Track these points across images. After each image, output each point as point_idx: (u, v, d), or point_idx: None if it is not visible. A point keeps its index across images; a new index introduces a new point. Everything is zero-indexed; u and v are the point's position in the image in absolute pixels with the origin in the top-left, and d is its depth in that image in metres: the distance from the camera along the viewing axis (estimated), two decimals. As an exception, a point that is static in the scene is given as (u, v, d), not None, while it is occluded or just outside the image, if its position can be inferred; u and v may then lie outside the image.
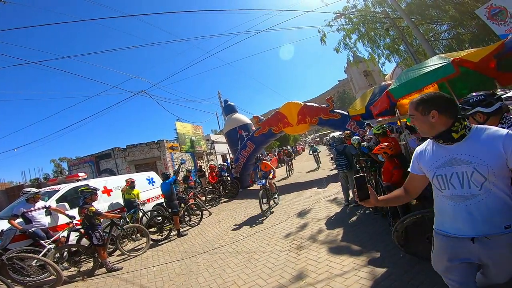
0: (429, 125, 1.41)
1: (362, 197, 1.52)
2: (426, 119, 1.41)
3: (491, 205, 1.28)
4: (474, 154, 1.32)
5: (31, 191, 5.32)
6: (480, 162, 1.29)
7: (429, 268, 2.79)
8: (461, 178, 1.34)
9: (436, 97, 1.41)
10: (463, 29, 10.40)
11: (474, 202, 1.31)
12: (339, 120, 10.74)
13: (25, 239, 4.90)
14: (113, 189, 7.19)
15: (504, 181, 1.29)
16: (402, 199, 1.68)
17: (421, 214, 2.88)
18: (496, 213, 1.28)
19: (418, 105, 1.44)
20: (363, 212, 5.33)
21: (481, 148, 1.30)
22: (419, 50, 10.87)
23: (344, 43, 12.48)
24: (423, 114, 1.42)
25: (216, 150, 20.88)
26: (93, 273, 4.77)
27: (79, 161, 16.00)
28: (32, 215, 5.07)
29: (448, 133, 1.36)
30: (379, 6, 11.82)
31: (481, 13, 7.62)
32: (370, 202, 1.57)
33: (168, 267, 4.66)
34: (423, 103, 1.42)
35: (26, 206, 5.11)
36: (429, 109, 1.39)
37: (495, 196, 1.28)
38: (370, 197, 1.55)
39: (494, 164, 1.26)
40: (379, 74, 27.52)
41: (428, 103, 1.41)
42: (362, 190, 1.52)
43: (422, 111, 1.42)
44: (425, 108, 1.41)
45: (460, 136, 1.35)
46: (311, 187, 9.45)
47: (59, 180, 7.56)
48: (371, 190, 1.56)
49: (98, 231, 4.78)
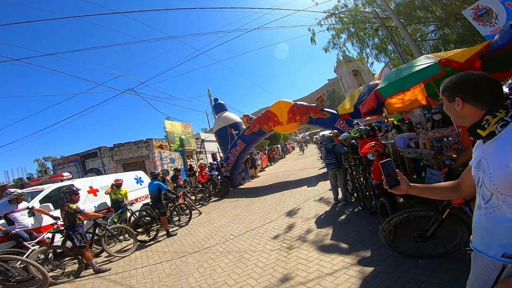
0: (455, 114, 1.15)
1: (392, 184, 1.35)
2: (452, 107, 1.15)
3: (493, 224, 1.05)
4: (490, 160, 1.05)
5: (14, 192, 5.16)
6: (487, 172, 1.05)
7: (416, 267, 2.85)
8: (479, 186, 1.12)
9: (465, 79, 1.11)
10: (449, 29, 10.62)
11: (479, 214, 1.12)
12: (328, 119, 10.84)
13: (8, 241, 4.75)
14: (100, 189, 7.02)
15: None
16: (448, 193, 1.38)
17: (407, 214, 2.92)
18: (495, 234, 1.04)
19: (445, 88, 1.17)
20: (352, 210, 5.39)
21: (496, 154, 1.03)
22: (406, 50, 11.07)
23: (333, 43, 12.65)
24: (449, 101, 1.15)
25: (206, 149, 20.74)
26: (78, 275, 4.66)
27: (64, 160, 15.59)
28: (15, 216, 4.92)
29: (474, 128, 1.09)
30: (369, 6, 11.98)
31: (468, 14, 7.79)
32: (400, 189, 1.36)
33: (158, 267, 4.59)
34: (450, 86, 1.14)
35: (8, 207, 4.97)
36: (453, 94, 1.12)
37: (502, 215, 1.01)
38: (401, 183, 1.35)
39: (497, 180, 0.99)
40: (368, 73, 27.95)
41: (454, 86, 1.13)
42: (391, 176, 1.35)
43: (448, 96, 1.15)
44: (450, 92, 1.14)
45: (489, 134, 1.05)
46: (301, 185, 9.51)
47: (43, 180, 7.33)
48: (401, 176, 1.37)
49: (79, 232, 4.66)
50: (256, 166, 16.29)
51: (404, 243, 3.18)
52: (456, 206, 2.45)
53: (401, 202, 4.56)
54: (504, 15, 7.14)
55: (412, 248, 3.09)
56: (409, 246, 3.11)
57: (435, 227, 2.72)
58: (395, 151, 5.43)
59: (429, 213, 2.81)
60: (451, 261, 2.73)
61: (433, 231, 2.76)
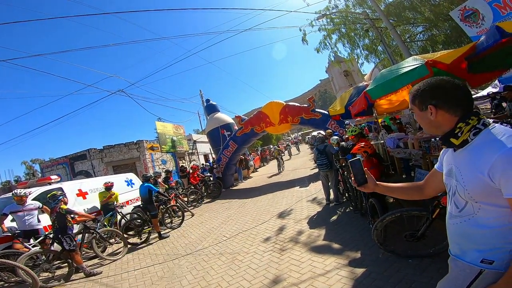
0: (429, 123, 1.11)
1: (360, 182, 1.40)
2: (424, 116, 1.11)
3: (470, 231, 1.04)
4: (462, 168, 1.04)
5: (18, 192, 5.19)
6: (460, 181, 1.03)
7: (406, 266, 2.90)
8: (452, 194, 1.11)
9: (434, 85, 1.07)
10: (437, 30, 10.84)
11: (454, 222, 1.12)
12: (320, 119, 10.92)
13: (9, 241, 4.82)
14: (89, 191, 6.89)
15: (494, 209, 0.97)
16: (412, 194, 1.41)
17: (400, 213, 2.96)
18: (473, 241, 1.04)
19: (415, 97, 1.14)
20: (343, 211, 5.44)
21: (469, 163, 1.01)
22: (396, 51, 11.24)
23: (325, 43, 12.76)
24: (421, 109, 1.11)
25: (198, 150, 20.61)
26: (69, 278, 4.58)
27: (52, 163, 15.23)
28: (18, 216, 5.01)
29: (447, 137, 1.07)
30: (359, 7, 12.13)
31: (455, 15, 7.94)
32: (368, 186, 1.40)
33: (150, 270, 4.54)
34: (420, 95, 1.11)
35: (14, 206, 5.07)
36: (425, 103, 1.08)
37: (478, 222, 1.01)
38: (368, 181, 1.40)
39: (471, 188, 0.99)
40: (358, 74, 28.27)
41: (424, 94, 1.09)
42: (359, 175, 1.40)
43: (419, 105, 1.12)
44: (421, 101, 1.10)
45: (462, 142, 1.03)
46: (294, 186, 9.54)
47: (30, 183, 7.15)
48: (369, 174, 1.41)
49: (69, 235, 4.58)
50: (248, 167, 16.28)
51: (395, 242, 3.23)
52: (445, 205, 2.49)
53: (391, 202, 4.62)
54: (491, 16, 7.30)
55: (402, 247, 3.13)
56: (400, 246, 3.16)
57: (425, 226, 2.76)
58: (385, 151, 5.51)
59: (421, 213, 2.86)
60: (440, 261, 2.78)
61: (424, 231, 2.80)
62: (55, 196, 4.85)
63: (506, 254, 0.93)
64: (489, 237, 0.98)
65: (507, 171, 0.87)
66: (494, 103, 6.29)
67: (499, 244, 0.96)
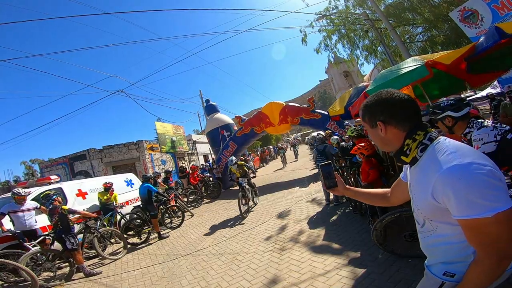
0: (380, 140, 1.07)
1: (329, 185, 1.44)
2: (375, 133, 1.06)
3: (432, 246, 1.05)
4: (415, 187, 1.03)
5: (17, 192, 5.15)
6: (414, 199, 1.03)
7: (404, 267, 2.90)
8: (413, 210, 1.10)
9: (381, 100, 1.02)
10: (436, 31, 10.86)
11: (420, 236, 1.12)
12: (319, 120, 10.92)
13: (8, 241, 4.80)
14: (88, 191, 6.89)
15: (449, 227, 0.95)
16: (378, 200, 1.46)
17: (399, 213, 2.97)
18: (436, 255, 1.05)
19: (364, 113, 1.09)
20: (343, 211, 5.44)
21: (418, 182, 1.00)
22: (395, 51, 11.26)
23: (324, 44, 12.77)
24: (371, 126, 1.07)
25: (198, 151, 20.60)
26: (70, 278, 4.58)
27: (51, 163, 15.21)
28: (16, 216, 4.96)
29: (398, 154, 1.04)
30: (359, 8, 12.14)
31: (455, 16, 7.96)
32: (338, 190, 1.43)
33: (150, 270, 4.54)
34: (368, 111, 1.07)
35: (12, 206, 5.02)
36: (374, 119, 1.04)
37: (439, 238, 1.01)
38: (338, 185, 1.42)
39: (422, 207, 0.99)
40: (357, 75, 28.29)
41: (373, 110, 1.04)
42: (329, 178, 1.44)
43: (369, 122, 1.08)
44: (371, 117, 1.06)
45: (412, 160, 1.00)
46: (293, 186, 9.54)
47: (30, 183, 7.16)
48: (339, 178, 1.44)
49: (72, 234, 4.59)
50: (248, 167, 16.24)
51: (395, 243, 3.24)
52: None
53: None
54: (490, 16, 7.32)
55: (402, 247, 3.14)
56: (399, 246, 3.17)
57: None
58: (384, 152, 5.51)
59: None
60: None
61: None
62: (48, 195, 4.86)
63: (466, 267, 0.92)
64: (451, 251, 0.98)
65: (446, 193, 0.84)
66: (493, 104, 6.31)
67: (460, 258, 0.95)
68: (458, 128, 2.20)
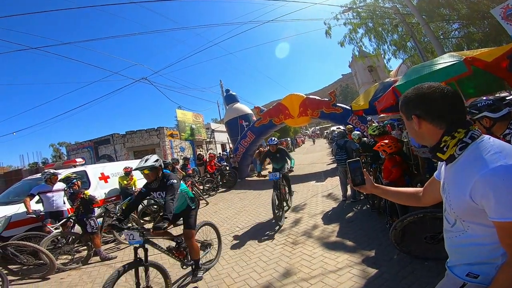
0: (415, 133, 1.05)
1: (356, 182, 1.39)
2: (410, 126, 1.05)
3: (461, 246, 1.01)
4: (450, 186, 0.98)
5: (47, 172, 5.32)
6: (448, 198, 0.99)
7: (419, 269, 2.78)
8: (444, 210, 1.06)
9: (418, 93, 0.99)
10: (474, 28, 10.22)
11: (448, 236, 1.08)
12: (340, 114, 10.65)
13: (21, 226, 4.89)
14: (111, 175, 7.11)
15: (481, 228, 0.90)
16: (409, 199, 1.37)
17: (424, 214, 2.83)
18: (463, 255, 1.01)
19: (402, 105, 1.06)
20: (360, 208, 5.30)
21: (454, 181, 0.95)
22: (427, 47, 10.71)
23: (350, 37, 12.31)
24: (407, 118, 1.05)
25: (216, 139, 20.83)
26: (87, 261, 4.69)
27: (78, 146, 15.97)
28: (46, 196, 5.08)
29: (434, 151, 1.00)
30: (389, 1, 11.59)
31: (496, 13, 7.46)
32: (365, 188, 1.38)
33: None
34: (405, 103, 1.04)
35: (43, 187, 5.15)
36: (409, 112, 1.02)
37: (469, 238, 0.96)
38: (366, 183, 1.37)
39: (456, 207, 0.94)
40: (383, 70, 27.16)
41: (409, 103, 1.02)
42: (357, 175, 1.39)
43: (405, 113, 1.05)
44: (407, 109, 1.03)
45: (449, 157, 0.96)
46: (309, 180, 9.44)
47: (57, 165, 7.50)
48: (367, 175, 1.39)
49: (92, 218, 4.75)
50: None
51: (412, 243, 3.11)
52: None
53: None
54: (534, 15, 6.79)
55: (419, 249, 3.01)
56: (417, 247, 3.04)
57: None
58: (409, 150, 5.29)
59: None
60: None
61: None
62: (69, 178, 5.04)
63: (492, 269, 0.90)
64: (479, 253, 0.94)
65: (486, 194, 0.80)
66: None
67: (488, 259, 0.92)
68: (497, 129, 2.09)
